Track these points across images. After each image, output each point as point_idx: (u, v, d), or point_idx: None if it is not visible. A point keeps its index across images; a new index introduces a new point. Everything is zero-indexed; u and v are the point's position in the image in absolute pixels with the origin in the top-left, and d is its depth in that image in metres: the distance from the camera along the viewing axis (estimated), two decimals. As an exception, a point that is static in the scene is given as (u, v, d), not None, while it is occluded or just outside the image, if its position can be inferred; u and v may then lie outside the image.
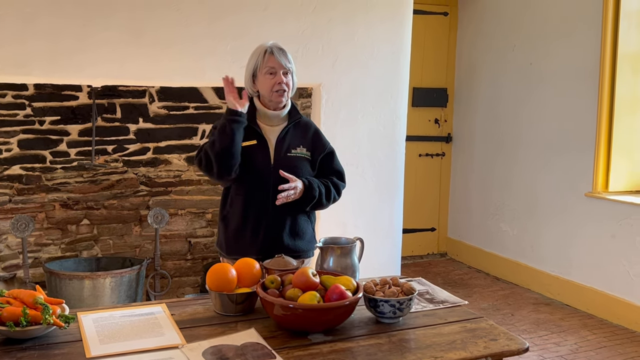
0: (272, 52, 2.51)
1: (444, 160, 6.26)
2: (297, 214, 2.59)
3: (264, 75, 2.51)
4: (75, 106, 4.27)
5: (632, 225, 4.36)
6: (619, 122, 4.55)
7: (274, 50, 2.52)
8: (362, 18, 4.08)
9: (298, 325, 1.86)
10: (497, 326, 2.00)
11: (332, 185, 2.62)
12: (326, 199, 2.58)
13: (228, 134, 2.43)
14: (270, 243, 2.53)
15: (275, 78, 2.51)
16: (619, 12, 4.48)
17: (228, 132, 2.43)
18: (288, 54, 2.55)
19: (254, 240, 2.54)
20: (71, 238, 4.37)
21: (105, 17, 3.48)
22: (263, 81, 2.52)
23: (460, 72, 6.11)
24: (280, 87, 2.51)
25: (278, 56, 2.51)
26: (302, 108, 4.35)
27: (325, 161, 2.67)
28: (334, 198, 2.63)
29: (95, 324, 1.91)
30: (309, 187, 2.51)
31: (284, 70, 2.52)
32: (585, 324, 4.47)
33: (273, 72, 2.51)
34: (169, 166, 4.54)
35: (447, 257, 6.28)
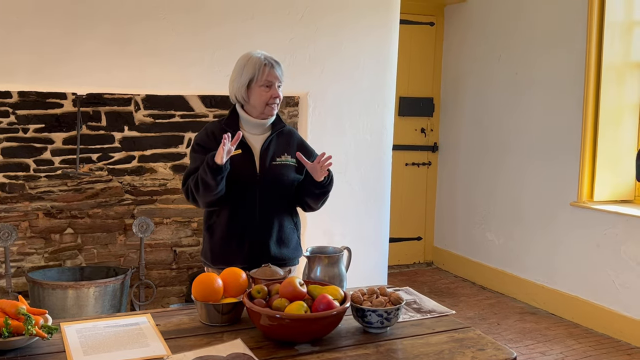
0: (273, 66, 2.52)
1: (430, 170, 6.27)
2: (283, 221, 2.58)
3: (260, 87, 2.51)
4: (60, 114, 4.24)
5: (617, 234, 4.38)
6: (604, 132, 4.58)
7: (273, 64, 2.52)
8: (349, 27, 4.09)
9: (285, 335, 1.85)
10: (484, 336, 1.99)
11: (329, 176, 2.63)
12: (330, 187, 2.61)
13: (212, 186, 2.40)
14: (256, 252, 2.52)
15: (270, 91, 2.51)
16: (604, 23, 4.52)
17: (212, 185, 2.40)
18: (282, 66, 2.57)
19: (240, 249, 2.52)
20: (55, 247, 4.32)
21: (91, 25, 3.46)
22: (258, 93, 2.52)
23: (447, 81, 6.14)
24: (274, 100, 2.53)
25: (277, 70, 2.52)
26: (289, 117, 4.34)
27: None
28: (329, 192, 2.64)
29: (79, 335, 1.88)
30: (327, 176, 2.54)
31: (279, 83, 2.54)
32: (570, 333, 4.49)
33: (270, 85, 2.51)
34: (154, 175, 4.50)
35: (434, 266, 6.28)
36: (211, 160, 2.37)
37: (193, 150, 2.59)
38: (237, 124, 2.58)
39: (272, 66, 2.51)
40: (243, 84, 2.53)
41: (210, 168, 2.37)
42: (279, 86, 2.54)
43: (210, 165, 2.37)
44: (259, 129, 2.59)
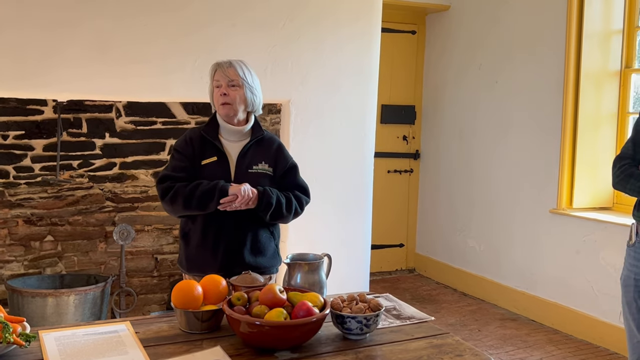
0: (221, 66, 2.55)
1: (412, 177, 6.31)
2: (258, 229, 2.58)
3: (215, 90, 2.56)
4: (40, 121, 4.21)
5: (595, 241, 4.43)
6: (583, 140, 4.64)
7: (222, 64, 2.55)
8: (331, 35, 4.11)
9: (265, 342, 1.85)
10: (462, 342, 2.01)
11: (295, 198, 2.62)
12: (287, 210, 2.57)
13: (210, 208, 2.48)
14: (230, 260, 2.52)
15: (220, 90, 2.54)
16: (582, 32, 4.58)
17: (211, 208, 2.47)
18: (240, 67, 2.55)
19: (214, 257, 2.53)
20: (34, 255, 4.28)
21: (71, 32, 3.45)
22: (214, 95, 2.57)
23: (428, 89, 6.18)
24: (222, 99, 2.53)
25: (223, 69, 2.53)
26: (272, 124, 4.35)
27: (287, 176, 2.67)
28: (295, 211, 2.62)
29: (57, 343, 1.87)
30: (263, 192, 2.50)
31: (230, 82, 2.52)
32: (550, 339, 4.52)
33: (219, 86, 2.54)
34: (135, 182, 4.49)
35: (416, 273, 6.31)
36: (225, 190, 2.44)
37: (172, 156, 2.62)
38: (216, 131, 2.60)
39: (220, 66, 2.54)
40: (210, 91, 2.60)
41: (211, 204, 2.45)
42: (232, 85, 2.52)
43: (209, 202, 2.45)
44: (236, 136, 2.60)
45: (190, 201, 2.48)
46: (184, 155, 2.56)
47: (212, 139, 2.57)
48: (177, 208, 2.53)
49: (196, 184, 2.49)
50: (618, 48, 4.63)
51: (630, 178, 2.60)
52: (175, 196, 2.50)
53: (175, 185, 2.51)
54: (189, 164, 2.56)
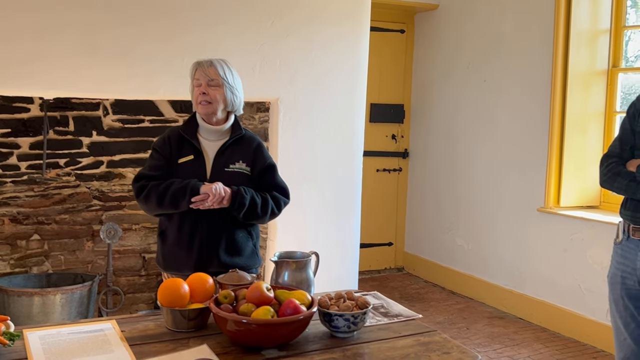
0: (202, 65, 2.54)
1: (401, 176, 6.31)
2: (234, 229, 2.57)
3: (195, 89, 2.56)
4: (27, 118, 4.18)
5: (582, 239, 4.46)
6: (570, 139, 4.66)
7: (202, 63, 2.54)
8: (320, 34, 4.11)
9: (252, 340, 1.84)
10: (450, 339, 2.01)
11: (272, 198, 2.59)
12: (262, 211, 2.54)
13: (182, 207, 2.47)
14: (205, 259, 2.52)
15: (199, 89, 2.53)
16: (570, 32, 4.60)
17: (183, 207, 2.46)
18: (220, 66, 2.54)
19: (189, 255, 2.53)
20: (21, 254, 4.24)
21: (58, 29, 3.42)
22: (193, 93, 2.57)
23: (417, 88, 6.19)
24: (202, 97, 2.52)
25: (204, 69, 2.52)
26: (260, 122, 4.34)
27: (265, 175, 2.63)
28: (272, 211, 2.59)
29: (42, 342, 1.85)
30: (236, 192, 2.48)
31: (210, 81, 2.51)
32: (538, 337, 4.54)
33: (199, 85, 2.53)
34: (123, 180, 4.46)
35: (404, 272, 6.32)
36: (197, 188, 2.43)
37: (151, 155, 2.62)
38: (195, 130, 2.59)
39: (200, 65, 2.54)
40: (191, 89, 2.59)
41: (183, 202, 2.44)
42: (212, 85, 2.51)
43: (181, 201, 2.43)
44: (215, 135, 2.59)
45: (162, 200, 2.48)
46: (161, 154, 2.57)
47: (190, 138, 2.56)
48: (151, 207, 2.53)
49: (169, 182, 2.49)
50: (605, 47, 4.65)
51: (617, 176, 2.60)
52: (149, 195, 2.50)
53: (149, 184, 2.51)
54: (165, 163, 2.56)
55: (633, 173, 2.55)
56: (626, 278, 2.62)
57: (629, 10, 4.60)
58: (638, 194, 2.52)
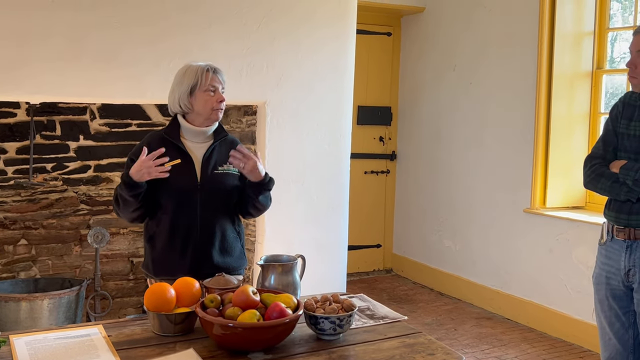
0: (215, 72, 2.55)
1: (388, 178, 6.34)
2: (226, 229, 2.58)
3: (204, 93, 2.52)
4: (13, 123, 4.16)
5: (568, 240, 4.49)
6: (555, 140, 4.70)
7: (215, 69, 2.56)
8: (306, 37, 4.12)
9: (238, 344, 1.85)
10: (435, 341, 2.03)
11: None
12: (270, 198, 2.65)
13: (129, 202, 2.45)
14: (199, 261, 2.52)
15: (215, 96, 2.53)
16: (554, 34, 4.64)
17: (129, 201, 2.45)
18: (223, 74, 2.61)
19: (183, 258, 2.52)
20: (8, 259, 4.23)
21: (44, 34, 3.42)
22: (204, 99, 2.52)
23: (404, 91, 6.22)
24: (219, 105, 2.54)
25: (219, 75, 2.56)
26: (247, 125, 4.35)
27: None
28: (270, 200, 2.68)
29: (28, 347, 1.85)
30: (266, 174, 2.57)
31: (223, 89, 2.57)
32: (525, 337, 4.57)
33: (214, 90, 2.53)
34: (110, 184, 4.45)
35: (393, 273, 6.34)
36: (126, 176, 2.40)
37: (127, 166, 2.56)
38: (178, 133, 2.59)
39: (215, 71, 2.55)
40: (185, 92, 2.54)
41: (125, 183, 2.40)
42: (222, 91, 2.56)
43: (126, 181, 2.40)
44: (200, 137, 2.60)
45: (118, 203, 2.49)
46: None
47: (175, 141, 2.56)
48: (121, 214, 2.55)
49: None
50: (589, 49, 4.70)
51: (601, 177, 2.64)
52: (115, 205, 2.53)
53: None
54: None
55: (616, 174, 2.58)
56: (610, 278, 2.66)
57: (614, 12, 4.65)
58: (621, 195, 2.56)
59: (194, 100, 2.54)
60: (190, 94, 2.54)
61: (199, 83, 2.52)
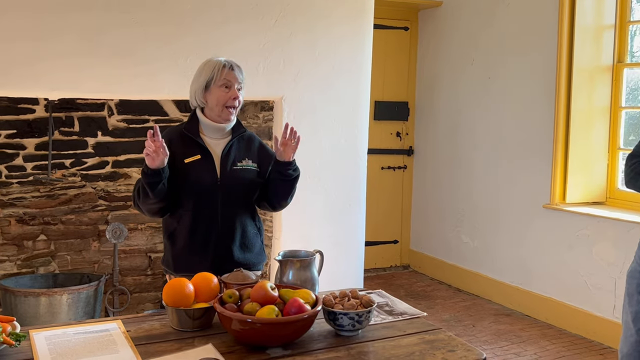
0: (232, 68, 2.53)
1: (405, 173, 6.30)
2: (246, 225, 2.58)
3: (219, 88, 2.51)
4: (32, 119, 4.19)
5: (588, 236, 4.44)
6: (575, 135, 4.64)
7: (232, 65, 2.53)
8: (323, 32, 4.10)
9: (256, 339, 1.85)
10: (455, 337, 2.01)
11: None
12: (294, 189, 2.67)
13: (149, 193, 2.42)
14: (220, 257, 2.51)
15: (230, 92, 2.51)
16: (574, 27, 4.58)
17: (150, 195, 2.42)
18: (243, 71, 2.57)
19: (204, 255, 2.51)
20: (27, 254, 4.27)
21: (62, 31, 3.43)
22: (217, 94, 2.51)
23: (421, 85, 6.18)
24: (233, 102, 2.52)
25: (236, 72, 2.53)
26: (264, 121, 4.34)
27: None
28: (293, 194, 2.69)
29: (48, 342, 1.86)
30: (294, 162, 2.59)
31: (239, 86, 2.54)
32: (544, 334, 4.53)
33: (229, 86, 2.51)
34: (128, 180, 4.47)
35: (410, 269, 6.31)
36: (145, 166, 2.39)
37: None
38: (197, 128, 2.58)
39: (231, 68, 2.52)
40: (200, 86, 2.53)
41: (143, 172, 2.39)
42: (239, 89, 2.54)
43: (144, 170, 2.39)
44: (219, 134, 2.58)
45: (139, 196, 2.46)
46: None
47: (194, 137, 2.55)
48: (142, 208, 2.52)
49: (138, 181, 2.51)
50: (610, 43, 4.64)
51: None
52: (138, 202, 2.52)
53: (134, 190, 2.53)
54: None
55: None
56: (645, 273, 2.60)
57: (635, 5, 4.58)
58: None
59: (208, 95, 2.53)
60: (205, 89, 2.53)
61: (215, 78, 2.51)
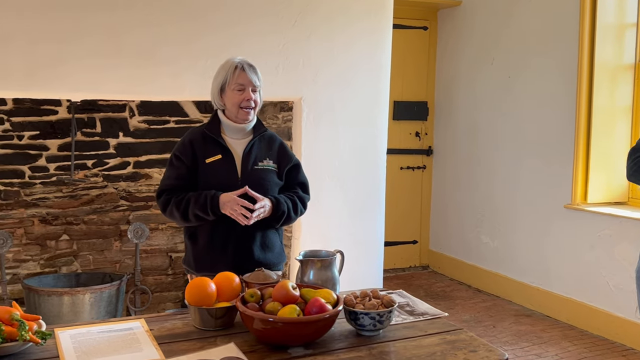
0: (243, 69, 2.53)
1: (425, 173, 6.29)
2: (266, 225, 2.59)
3: (233, 91, 2.53)
4: (55, 121, 4.24)
5: (610, 236, 4.40)
6: (597, 134, 4.60)
7: (244, 66, 2.53)
8: (342, 32, 4.11)
9: (278, 339, 1.86)
10: (476, 338, 2.00)
11: (298, 198, 2.65)
12: (294, 213, 2.61)
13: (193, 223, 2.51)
14: (240, 257, 2.53)
15: (243, 94, 2.53)
16: (595, 25, 4.54)
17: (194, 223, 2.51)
18: (258, 70, 2.57)
19: (224, 254, 2.53)
20: (50, 254, 4.32)
21: (84, 32, 3.48)
22: (231, 96, 2.53)
23: (440, 85, 6.16)
24: (248, 104, 2.53)
25: (249, 73, 2.53)
26: (284, 121, 4.36)
27: (290, 173, 2.69)
28: (300, 211, 2.65)
29: (73, 340, 1.88)
30: (276, 204, 2.53)
31: (253, 87, 2.54)
32: (566, 335, 4.50)
33: (242, 89, 2.52)
34: (149, 180, 4.51)
35: (429, 270, 6.29)
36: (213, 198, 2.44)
37: (170, 162, 2.60)
38: (219, 129, 2.60)
39: (243, 69, 2.52)
40: (216, 89, 2.57)
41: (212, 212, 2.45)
42: (253, 90, 2.54)
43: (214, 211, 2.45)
44: (239, 134, 2.60)
45: (187, 218, 2.51)
46: (182, 160, 2.56)
47: (216, 137, 2.57)
48: (180, 223, 2.58)
49: (187, 198, 2.50)
50: (632, 41, 4.59)
51: None
52: (172, 213, 2.54)
53: (171, 200, 2.53)
54: (186, 169, 2.55)
55: None
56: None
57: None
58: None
59: (225, 98, 2.57)
60: (221, 91, 2.56)
61: (228, 81, 2.54)
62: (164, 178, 2.62)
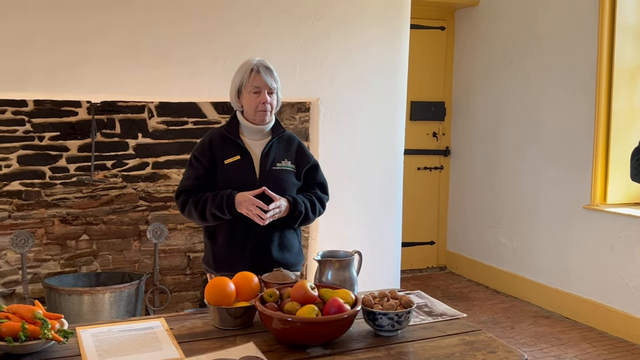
0: (259, 71, 2.54)
1: (442, 174, 6.27)
2: (285, 225, 2.60)
3: (249, 94, 2.54)
4: (75, 122, 4.29)
5: (630, 237, 4.36)
6: (616, 135, 4.57)
7: (260, 69, 2.54)
8: (360, 33, 4.11)
9: (296, 338, 1.86)
10: (495, 339, 2.00)
11: (316, 198, 2.66)
12: (312, 213, 2.62)
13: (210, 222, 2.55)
14: (258, 257, 2.55)
15: (259, 97, 2.54)
16: (615, 26, 4.51)
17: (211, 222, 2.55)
18: (274, 72, 2.58)
19: (242, 254, 2.55)
20: (70, 253, 4.37)
21: (103, 34, 3.51)
22: (248, 99, 2.55)
23: (458, 85, 6.14)
24: (264, 107, 2.55)
25: (264, 75, 2.54)
26: (301, 122, 4.37)
27: (309, 174, 2.70)
28: (319, 211, 2.67)
29: (94, 339, 1.91)
30: (294, 204, 2.54)
31: (269, 89, 2.55)
32: (585, 336, 4.46)
33: (258, 92, 2.53)
34: (168, 181, 4.55)
35: (447, 271, 6.27)
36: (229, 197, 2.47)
37: (190, 163, 2.62)
38: (237, 130, 2.62)
39: (258, 71, 2.53)
40: (234, 90, 2.59)
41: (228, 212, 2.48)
42: (269, 93, 2.55)
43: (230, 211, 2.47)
44: (258, 135, 2.62)
45: (205, 218, 2.54)
46: (200, 161, 2.58)
47: (235, 138, 2.59)
48: (198, 222, 2.62)
49: (204, 198, 2.52)
50: (652, 41, 4.55)
51: None
52: (190, 213, 2.57)
53: (189, 199, 2.56)
54: (204, 170, 2.57)
55: None
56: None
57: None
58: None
59: (242, 100, 2.59)
60: (238, 94, 2.59)
61: (244, 83, 2.56)
62: (183, 178, 2.65)
